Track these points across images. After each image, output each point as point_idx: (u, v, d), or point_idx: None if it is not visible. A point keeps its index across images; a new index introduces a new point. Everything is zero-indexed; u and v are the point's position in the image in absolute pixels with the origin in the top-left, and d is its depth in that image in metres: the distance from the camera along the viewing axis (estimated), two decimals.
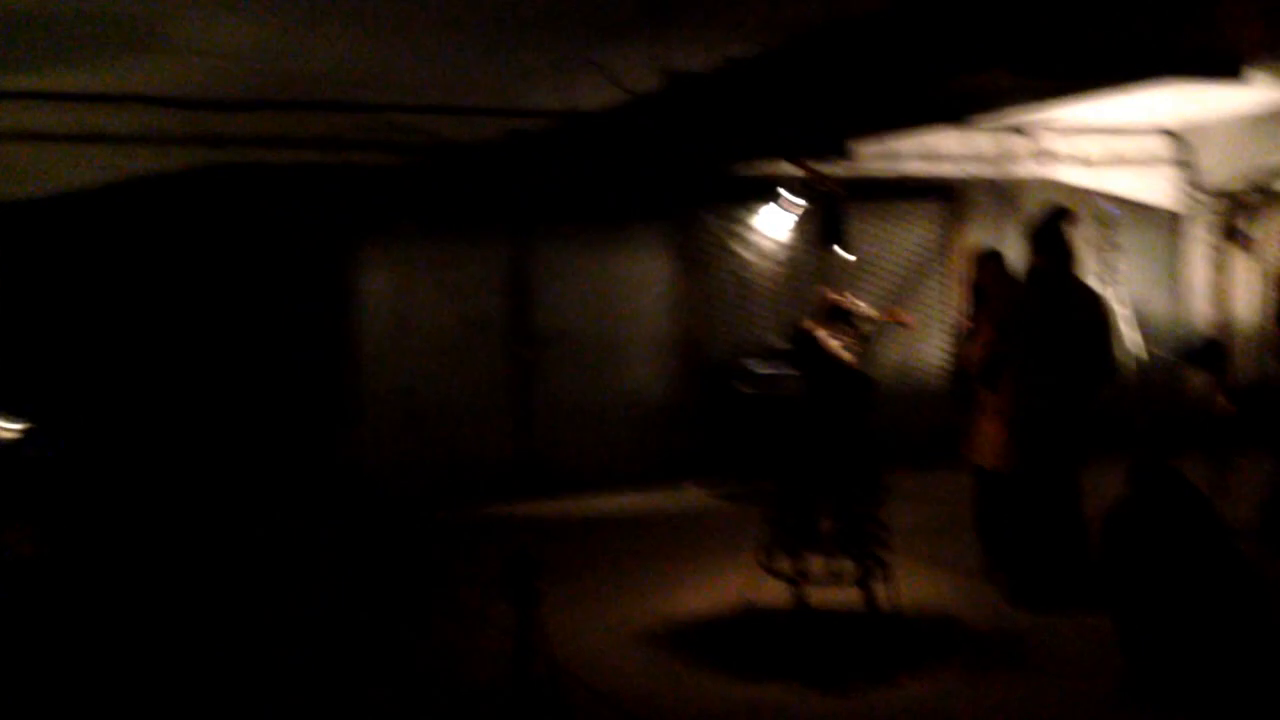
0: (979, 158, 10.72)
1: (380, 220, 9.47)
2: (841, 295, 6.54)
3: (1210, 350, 10.45)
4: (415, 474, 9.35)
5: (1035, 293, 6.51)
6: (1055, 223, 6.51)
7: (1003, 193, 10.92)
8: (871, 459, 6.15)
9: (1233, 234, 11.22)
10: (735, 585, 6.47)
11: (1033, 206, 10.77)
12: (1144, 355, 8.33)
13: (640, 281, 10.15)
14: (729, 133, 7.82)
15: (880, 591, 5.91)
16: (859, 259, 9.64)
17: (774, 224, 10.14)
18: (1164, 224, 11.49)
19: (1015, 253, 7.29)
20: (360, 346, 9.38)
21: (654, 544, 8.13)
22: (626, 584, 7.03)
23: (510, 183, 9.60)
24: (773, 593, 6.01)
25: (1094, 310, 6.43)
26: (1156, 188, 11.36)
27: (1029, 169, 10.83)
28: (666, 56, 6.41)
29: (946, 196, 10.92)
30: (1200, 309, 11.46)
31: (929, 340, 10.83)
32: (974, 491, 6.96)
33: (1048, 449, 6.30)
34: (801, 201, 9.06)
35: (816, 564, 5.91)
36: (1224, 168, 11.00)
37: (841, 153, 7.75)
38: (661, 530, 8.63)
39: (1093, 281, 6.82)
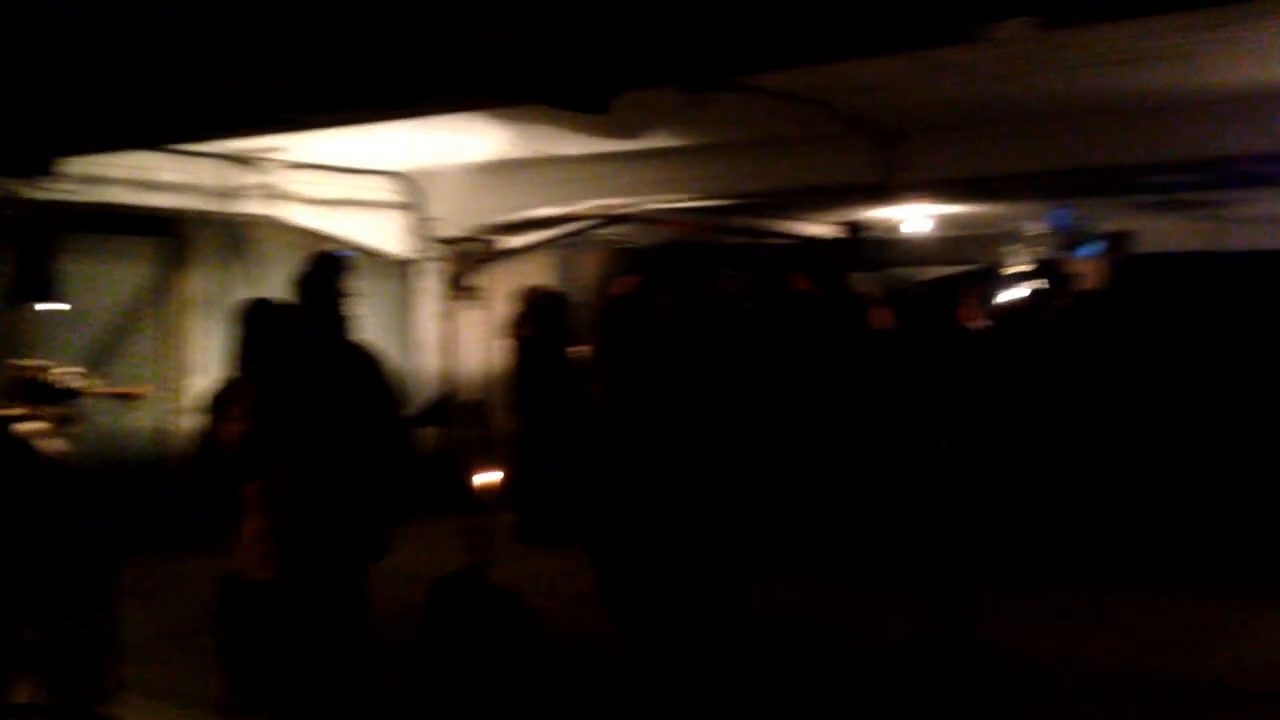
0: (200, 189, 9.25)
1: None
2: (39, 366, 4.97)
3: (442, 406, 10.09)
4: None
5: (293, 357, 5.38)
6: (325, 274, 5.45)
7: (230, 231, 9.60)
8: (91, 580, 4.67)
9: (459, 285, 11.06)
10: None
11: (265, 248, 9.67)
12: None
13: None
14: None
15: None
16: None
17: None
18: (395, 272, 11.01)
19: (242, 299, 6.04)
20: None
21: None
22: None
23: None
24: None
25: (372, 370, 5.43)
26: (388, 233, 10.85)
27: (256, 206, 9.62)
28: None
29: (165, 232, 9.32)
30: (431, 361, 11.09)
31: (147, 404, 9.08)
32: (220, 607, 5.52)
33: (326, 547, 5.15)
34: None
35: None
36: (452, 216, 10.77)
37: (45, 170, 5.86)
38: None
39: (364, 338, 5.79)
